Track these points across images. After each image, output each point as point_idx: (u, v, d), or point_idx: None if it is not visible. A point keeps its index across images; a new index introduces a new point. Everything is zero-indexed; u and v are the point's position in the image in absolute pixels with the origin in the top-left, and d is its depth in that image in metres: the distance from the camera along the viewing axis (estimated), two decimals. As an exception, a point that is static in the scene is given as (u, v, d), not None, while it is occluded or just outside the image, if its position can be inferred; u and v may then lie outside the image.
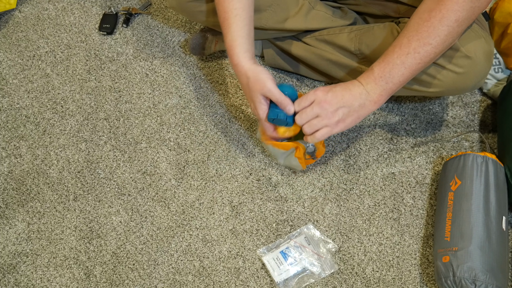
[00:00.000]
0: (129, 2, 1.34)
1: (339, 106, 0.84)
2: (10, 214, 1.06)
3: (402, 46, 0.81)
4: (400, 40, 0.82)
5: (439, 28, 0.79)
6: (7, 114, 1.18)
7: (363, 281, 0.96)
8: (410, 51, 0.81)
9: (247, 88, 0.89)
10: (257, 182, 1.07)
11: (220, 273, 0.98)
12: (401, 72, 0.82)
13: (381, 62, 0.83)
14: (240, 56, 0.89)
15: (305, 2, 1.04)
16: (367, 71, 0.85)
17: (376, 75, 0.83)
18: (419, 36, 0.80)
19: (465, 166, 0.94)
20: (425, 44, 0.80)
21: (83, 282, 0.98)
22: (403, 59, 0.81)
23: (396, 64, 0.82)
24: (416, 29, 0.80)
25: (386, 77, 0.83)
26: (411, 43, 0.80)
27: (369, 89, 0.84)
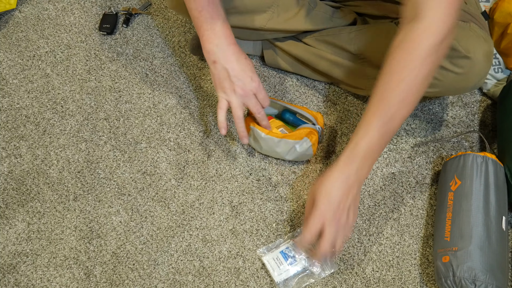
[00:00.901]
0: (129, 2, 1.34)
1: (348, 209, 0.82)
2: (10, 214, 1.06)
3: (382, 114, 0.77)
4: (378, 107, 0.77)
5: (413, 87, 0.76)
6: (7, 114, 1.18)
7: (363, 281, 0.96)
8: (391, 117, 0.77)
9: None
10: (257, 182, 1.07)
11: (220, 273, 0.98)
12: (386, 138, 0.80)
13: (365, 136, 0.79)
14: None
15: (305, 3, 1.04)
16: (351, 150, 0.80)
17: (365, 151, 0.79)
18: (396, 100, 0.76)
19: (465, 166, 0.94)
20: (405, 106, 0.77)
21: (83, 282, 0.98)
22: (386, 127, 0.78)
23: (381, 133, 0.78)
24: (391, 93, 0.76)
25: (373, 149, 0.79)
26: (390, 108, 0.77)
27: (359, 166, 0.80)
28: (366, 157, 0.80)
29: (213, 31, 0.89)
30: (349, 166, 0.80)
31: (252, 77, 0.91)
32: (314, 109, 1.15)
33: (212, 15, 0.88)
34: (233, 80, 0.90)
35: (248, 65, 0.91)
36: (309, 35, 1.08)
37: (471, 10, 0.91)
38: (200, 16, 0.89)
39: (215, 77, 0.92)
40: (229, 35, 0.90)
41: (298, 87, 1.17)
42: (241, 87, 0.90)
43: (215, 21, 0.88)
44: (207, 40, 0.90)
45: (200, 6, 0.88)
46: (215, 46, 0.89)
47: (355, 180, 0.81)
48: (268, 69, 1.20)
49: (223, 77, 0.91)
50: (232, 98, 0.92)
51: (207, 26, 0.89)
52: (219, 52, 0.89)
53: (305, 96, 1.16)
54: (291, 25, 1.04)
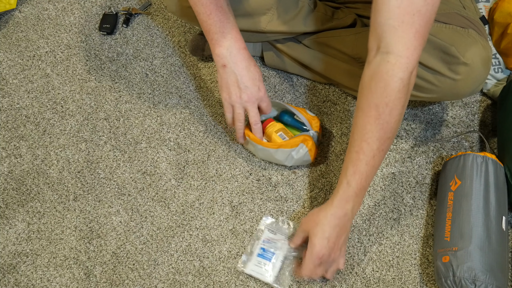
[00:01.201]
0: (129, 2, 1.34)
1: (341, 245, 0.87)
2: (10, 214, 1.06)
3: (365, 151, 0.79)
4: (360, 145, 0.79)
5: (391, 121, 0.77)
6: (7, 114, 1.18)
7: (363, 281, 0.96)
8: (375, 153, 0.79)
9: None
10: (257, 182, 1.07)
11: (220, 273, 0.98)
12: (373, 172, 0.82)
13: (354, 175, 0.81)
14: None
15: (304, 5, 1.04)
16: (344, 190, 0.82)
17: (356, 189, 0.82)
18: (377, 136, 0.77)
19: (465, 166, 0.94)
20: (386, 140, 0.79)
21: (83, 282, 0.98)
22: (372, 163, 0.80)
23: (368, 169, 0.80)
24: (370, 130, 0.77)
25: (363, 185, 0.82)
26: (372, 145, 0.78)
27: (353, 204, 0.83)
28: (359, 194, 0.83)
29: (223, 35, 0.89)
30: (344, 205, 0.83)
31: (259, 87, 0.93)
32: (314, 109, 1.15)
33: (221, 18, 0.88)
34: (241, 87, 0.91)
35: (257, 73, 0.92)
36: (309, 37, 1.08)
37: (469, 16, 0.91)
38: (208, 20, 0.88)
39: (223, 81, 0.92)
40: (240, 39, 0.90)
41: (298, 87, 1.17)
42: (248, 95, 0.91)
43: (225, 25, 0.88)
44: (217, 44, 0.89)
45: (208, 10, 0.88)
46: (225, 49, 0.89)
47: (350, 217, 0.84)
48: (268, 69, 1.20)
49: (231, 82, 0.91)
50: (236, 104, 0.93)
51: (216, 30, 0.88)
52: (230, 56, 0.89)
53: (305, 96, 1.16)
54: (291, 27, 1.04)
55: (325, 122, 1.13)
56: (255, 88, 0.92)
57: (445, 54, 0.87)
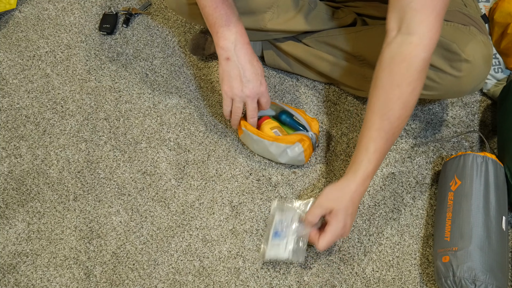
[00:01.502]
0: (129, 2, 1.34)
1: (351, 221, 0.88)
2: (10, 214, 1.06)
3: (386, 129, 0.81)
4: (381, 123, 0.81)
5: (412, 100, 0.80)
6: (7, 114, 1.18)
7: (363, 281, 0.96)
8: (395, 131, 0.81)
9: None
10: (257, 182, 1.07)
11: (220, 273, 0.98)
12: (388, 150, 0.84)
13: (375, 153, 0.82)
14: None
15: (305, 3, 1.04)
16: (365, 168, 0.84)
17: (375, 167, 0.84)
18: (398, 114, 0.80)
19: (465, 166, 0.94)
20: (405, 118, 0.81)
21: (83, 282, 0.98)
22: (391, 139, 0.82)
23: (387, 146, 0.83)
24: (392, 108, 0.79)
25: (380, 163, 0.85)
26: (393, 123, 0.80)
27: (370, 179, 0.85)
28: (376, 171, 0.85)
29: (228, 28, 0.89)
30: (365, 182, 0.85)
31: (261, 82, 0.93)
32: (314, 109, 1.15)
33: (227, 12, 0.89)
34: (243, 81, 0.91)
35: (259, 68, 0.93)
36: (309, 36, 1.08)
37: (471, 13, 0.91)
38: (215, 13, 0.89)
39: (225, 73, 0.92)
40: (244, 33, 0.91)
41: (298, 87, 1.17)
42: (249, 89, 0.92)
43: (231, 18, 0.89)
44: (222, 37, 0.90)
45: (215, 4, 0.88)
46: (230, 43, 0.90)
47: (363, 190, 0.86)
48: (268, 69, 1.20)
49: (234, 75, 0.91)
50: (236, 97, 0.93)
51: (221, 23, 0.89)
52: (234, 50, 0.90)
53: (305, 96, 1.16)
54: (291, 26, 1.04)
55: (325, 122, 1.13)
56: (257, 83, 0.92)
57: (447, 51, 0.87)
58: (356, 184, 0.84)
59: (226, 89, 0.94)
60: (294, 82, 1.18)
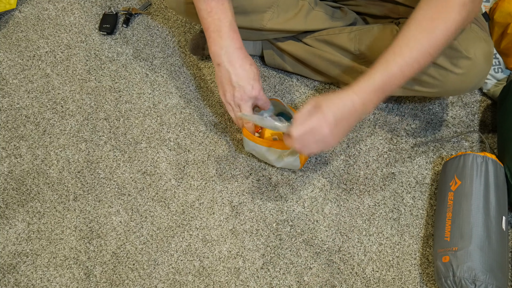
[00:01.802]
0: (129, 2, 1.34)
1: (338, 129, 0.83)
2: (10, 214, 1.06)
3: (404, 56, 0.78)
4: (401, 49, 0.79)
5: (441, 39, 0.77)
6: (7, 114, 1.18)
7: (363, 281, 0.96)
8: (412, 62, 0.78)
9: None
10: (257, 182, 1.07)
11: (220, 273, 0.98)
12: (399, 82, 0.80)
13: (382, 72, 0.79)
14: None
15: (305, 3, 1.04)
16: (365, 81, 0.81)
17: (377, 87, 0.80)
18: (421, 46, 0.77)
19: (465, 166, 0.94)
20: (427, 55, 0.78)
21: (83, 282, 0.98)
22: (404, 69, 0.79)
23: (397, 75, 0.79)
24: (419, 39, 0.77)
25: (385, 88, 0.80)
26: (413, 53, 0.78)
27: (368, 99, 0.81)
28: (377, 93, 0.80)
29: (219, 34, 0.89)
30: (357, 94, 0.81)
31: (253, 85, 0.91)
32: (314, 109, 1.14)
33: (221, 17, 0.88)
34: (234, 86, 0.90)
35: (252, 71, 0.91)
36: (309, 35, 1.08)
37: None
38: (208, 17, 0.89)
39: (218, 79, 0.93)
40: (236, 38, 0.90)
41: (298, 87, 1.17)
42: (241, 93, 0.91)
43: (223, 23, 0.88)
44: (213, 42, 0.90)
45: (209, 7, 0.88)
46: (220, 48, 0.89)
47: (358, 109, 0.81)
48: (268, 69, 1.20)
49: (225, 80, 0.91)
50: (230, 102, 0.93)
51: (214, 28, 0.89)
52: (225, 55, 0.89)
53: (305, 96, 1.16)
54: (291, 25, 1.04)
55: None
56: (248, 87, 0.91)
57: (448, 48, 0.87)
58: (346, 92, 0.81)
59: (221, 95, 0.94)
60: (294, 82, 1.18)
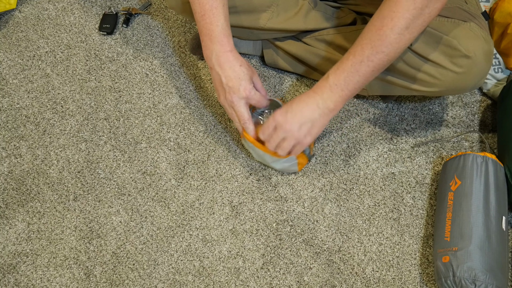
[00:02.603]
0: (129, 2, 1.34)
1: (301, 124, 0.89)
2: (10, 214, 1.06)
3: (356, 54, 0.82)
4: (355, 47, 0.82)
5: (391, 36, 0.79)
6: (7, 114, 1.18)
7: (363, 281, 0.96)
8: (363, 59, 0.81)
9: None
10: (257, 182, 1.07)
11: (220, 273, 0.98)
12: (355, 79, 0.83)
13: (336, 70, 0.85)
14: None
15: (304, 3, 1.04)
16: (322, 80, 0.87)
17: (332, 83, 0.85)
18: (372, 44, 0.80)
19: (465, 166, 0.94)
20: (378, 52, 0.80)
21: (83, 282, 0.98)
22: (357, 67, 0.82)
23: (351, 72, 0.83)
24: (369, 37, 0.80)
25: (341, 84, 0.84)
26: (364, 51, 0.81)
27: (326, 97, 0.86)
28: (333, 90, 0.85)
29: (210, 38, 0.90)
30: (315, 92, 0.87)
31: (245, 86, 0.91)
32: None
33: (212, 21, 0.89)
34: (225, 88, 0.92)
35: (241, 72, 0.91)
36: (309, 35, 1.08)
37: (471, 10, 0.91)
38: (201, 21, 0.90)
39: (213, 82, 0.95)
40: (226, 42, 0.90)
41: (298, 87, 1.17)
42: (231, 95, 0.92)
43: (213, 28, 0.89)
44: (205, 46, 0.91)
45: (202, 11, 0.89)
46: (211, 53, 0.91)
47: (320, 105, 0.87)
48: (268, 69, 1.20)
49: (217, 83, 0.93)
50: (224, 104, 0.94)
51: (205, 32, 0.90)
52: (215, 58, 0.91)
53: (305, 96, 1.16)
54: (291, 25, 1.04)
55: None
56: (237, 88, 0.91)
57: (447, 47, 0.87)
58: (306, 92, 0.88)
59: (217, 97, 0.96)
60: (294, 82, 1.18)
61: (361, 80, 0.84)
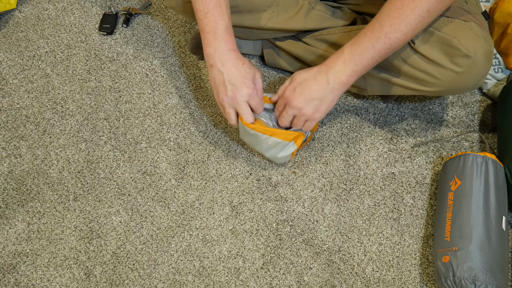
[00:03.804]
0: (129, 2, 1.34)
1: (309, 101, 0.89)
2: (10, 214, 1.06)
3: (374, 30, 0.83)
4: (373, 24, 0.83)
5: (411, 17, 0.80)
6: (7, 114, 1.18)
7: (363, 281, 0.96)
8: (381, 36, 0.82)
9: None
10: (257, 182, 1.07)
11: (220, 273, 0.98)
12: (370, 55, 0.84)
13: (352, 44, 0.85)
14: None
15: (305, 2, 1.04)
16: (337, 53, 0.87)
17: (346, 57, 0.86)
18: (391, 22, 0.81)
19: (465, 166, 0.94)
20: (396, 31, 0.82)
21: (83, 282, 0.98)
22: (374, 43, 0.83)
23: (367, 47, 0.84)
24: (388, 14, 0.82)
25: (355, 59, 0.85)
26: (383, 28, 0.82)
27: (338, 70, 0.87)
28: (347, 64, 0.86)
29: (214, 35, 0.89)
30: (328, 66, 0.88)
31: (247, 84, 0.91)
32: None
33: (216, 19, 0.89)
34: (226, 85, 0.91)
35: (244, 71, 0.91)
36: (309, 35, 1.08)
37: (471, 10, 0.92)
38: (204, 19, 0.89)
39: (211, 81, 0.93)
40: (230, 40, 0.90)
41: (298, 87, 1.17)
42: (233, 92, 0.91)
43: (218, 25, 0.89)
44: (207, 44, 0.90)
45: (206, 9, 0.88)
46: (214, 50, 0.90)
47: (329, 79, 0.87)
48: (268, 69, 1.20)
49: (218, 81, 0.92)
50: (223, 103, 0.93)
51: (209, 30, 0.89)
52: (217, 56, 0.90)
53: (305, 96, 1.16)
54: (291, 25, 1.04)
55: (325, 121, 1.13)
56: (240, 85, 0.91)
57: (448, 46, 0.87)
58: (318, 66, 0.88)
59: (215, 96, 0.94)
60: (294, 82, 1.18)
61: (376, 56, 0.84)
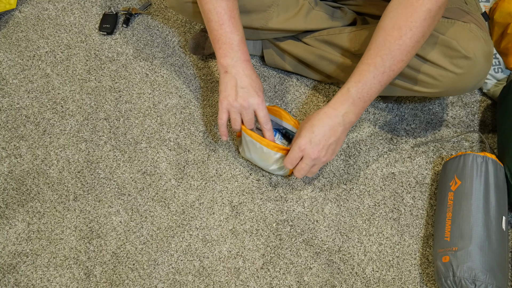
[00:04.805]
0: (129, 2, 1.34)
1: (327, 148, 0.90)
2: (10, 214, 1.06)
3: (377, 65, 0.83)
4: (373, 59, 0.83)
5: (409, 45, 0.81)
6: (7, 114, 1.18)
7: (363, 281, 0.96)
8: (385, 70, 0.83)
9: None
10: (257, 182, 1.07)
11: (220, 273, 0.98)
12: (377, 89, 0.85)
13: (357, 82, 0.85)
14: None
15: (305, 3, 1.04)
16: (341, 93, 0.87)
17: (354, 97, 0.86)
18: (392, 54, 0.82)
19: (465, 166, 0.94)
20: (399, 62, 0.83)
21: (83, 282, 0.98)
22: (380, 78, 0.84)
23: (373, 83, 0.84)
24: (388, 47, 0.82)
25: (364, 97, 0.86)
26: (385, 62, 0.82)
27: (348, 111, 0.87)
28: (356, 104, 0.87)
29: (231, 46, 0.91)
30: (338, 107, 0.88)
31: (258, 93, 0.93)
32: (314, 109, 1.15)
33: (232, 30, 0.90)
34: (238, 90, 0.92)
35: (257, 83, 0.93)
36: (309, 35, 1.08)
37: (471, 11, 0.92)
38: (220, 30, 0.90)
39: (222, 85, 0.94)
40: (246, 51, 0.92)
41: (298, 87, 1.17)
42: (243, 98, 0.92)
43: (234, 37, 0.90)
44: (223, 54, 0.91)
45: (221, 20, 0.89)
46: (230, 59, 0.91)
47: (341, 122, 0.88)
48: (268, 69, 1.20)
49: (230, 86, 0.92)
50: (231, 108, 0.93)
51: (225, 40, 0.90)
52: (234, 65, 0.91)
53: (305, 96, 1.16)
54: (291, 25, 1.04)
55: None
56: (252, 93, 0.92)
57: (447, 48, 0.87)
58: (326, 107, 0.88)
59: (222, 99, 0.94)
60: (294, 82, 1.18)
61: (381, 88, 0.86)
